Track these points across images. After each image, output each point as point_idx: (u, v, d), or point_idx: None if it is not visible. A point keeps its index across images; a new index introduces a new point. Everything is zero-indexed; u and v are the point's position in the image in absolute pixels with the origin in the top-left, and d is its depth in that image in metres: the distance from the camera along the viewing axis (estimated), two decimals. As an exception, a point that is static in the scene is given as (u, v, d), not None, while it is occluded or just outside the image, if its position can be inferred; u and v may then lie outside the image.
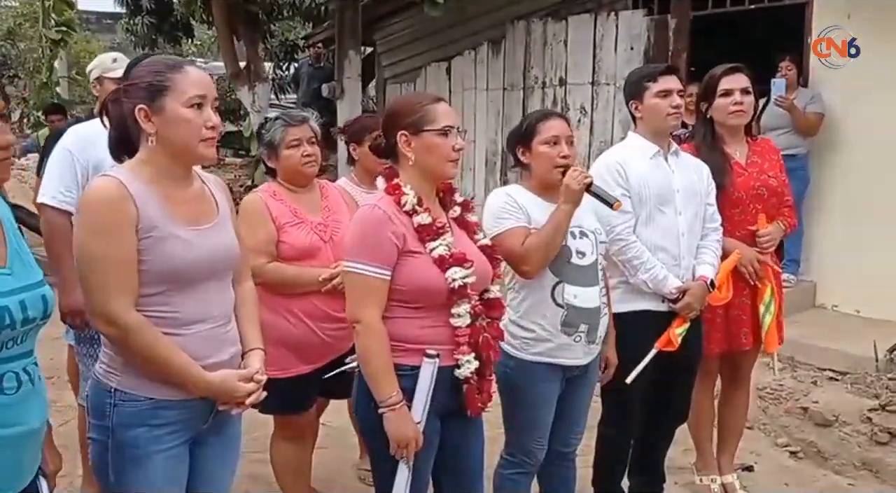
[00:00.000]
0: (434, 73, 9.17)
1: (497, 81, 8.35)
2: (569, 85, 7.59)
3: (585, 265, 2.75)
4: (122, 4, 13.05)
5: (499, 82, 8.33)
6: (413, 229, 2.25)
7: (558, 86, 7.69)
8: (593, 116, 7.39)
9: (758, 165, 3.38)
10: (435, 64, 9.14)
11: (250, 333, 2.20)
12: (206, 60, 15.70)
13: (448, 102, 2.34)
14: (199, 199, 2.11)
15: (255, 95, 9.66)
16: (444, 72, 9.03)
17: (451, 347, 2.26)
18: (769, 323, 3.34)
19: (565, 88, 7.62)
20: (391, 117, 2.34)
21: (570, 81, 7.58)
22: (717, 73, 3.35)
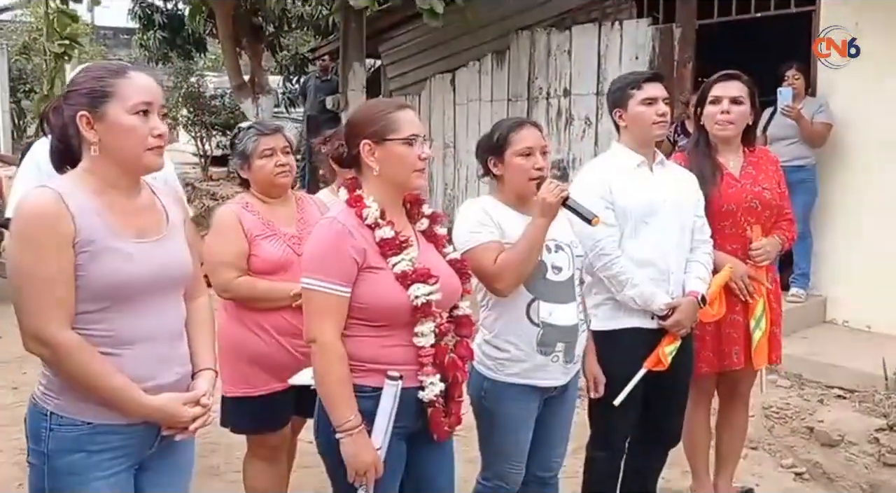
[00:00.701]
0: (439, 84, 9.13)
1: (501, 92, 8.31)
2: (573, 95, 7.53)
3: (561, 281, 2.63)
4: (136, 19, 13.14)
5: (503, 93, 8.28)
6: (375, 244, 2.14)
7: (563, 96, 7.63)
8: (598, 127, 7.31)
9: (752, 177, 3.25)
10: (439, 75, 9.12)
11: (202, 352, 2.09)
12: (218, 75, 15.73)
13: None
14: (146, 210, 2.00)
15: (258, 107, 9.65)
16: (449, 83, 9.00)
17: (414, 367, 2.15)
18: (758, 339, 3.20)
19: (570, 98, 7.56)
20: (353, 126, 2.24)
21: (574, 92, 7.52)
22: (711, 79, 3.24)
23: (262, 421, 2.93)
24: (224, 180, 12.21)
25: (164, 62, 13.88)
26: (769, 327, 3.23)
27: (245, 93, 9.95)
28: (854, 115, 5.62)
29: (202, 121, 13.67)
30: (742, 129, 3.23)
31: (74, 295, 1.83)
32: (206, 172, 13.56)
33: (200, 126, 13.76)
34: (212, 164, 13.67)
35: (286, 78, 14.56)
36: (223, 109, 13.78)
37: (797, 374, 5.00)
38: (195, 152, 14.19)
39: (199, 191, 11.88)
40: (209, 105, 13.86)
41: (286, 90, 14.19)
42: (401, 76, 9.92)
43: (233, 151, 3.01)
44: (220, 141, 13.57)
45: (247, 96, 9.91)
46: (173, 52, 13.41)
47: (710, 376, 3.33)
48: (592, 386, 2.86)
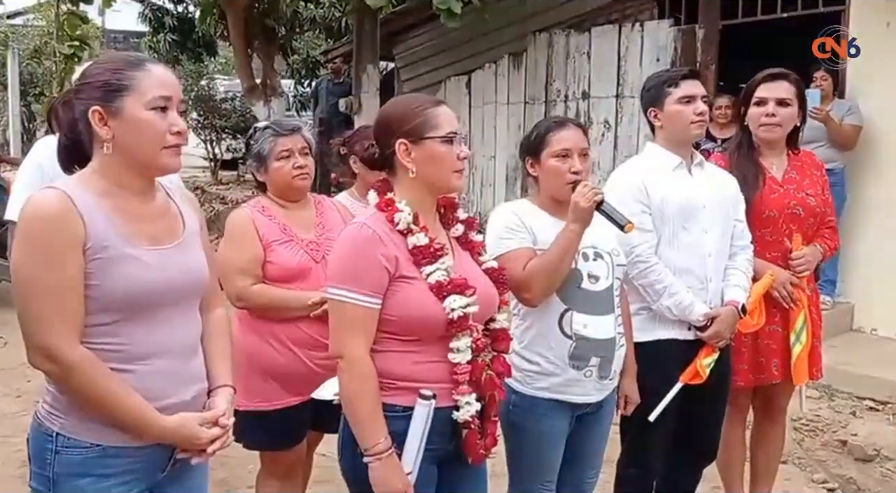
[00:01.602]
0: (454, 87, 9.03)
1: (518, 95, 8.20)
2: (592, 98, 7.42)
3: (598, 291, 2.49)
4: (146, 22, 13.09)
5: (520, 96, 8.18)
6: (407, 251, 1.99)
7: (581, 99, 7.51)
8: (617, 131, 7.19)
9: (795, 182, 3.11)
10: (455, 78, 9.03)
11: (219, 367, 1.94)
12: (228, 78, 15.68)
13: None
14: (161, 215, 1.86)
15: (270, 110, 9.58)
16: (464, 86, 8.91)
17: (449, 385, 2.00)
18: (798, 353, 3.05)
19: (588, 101, 7.45)
20: (387, 124, 2.07)
21: (593, 95, 7.41)
22: (757, 78, 3.10)
23: (276, 437, 2.81)
24: (234, 184, 12.15)
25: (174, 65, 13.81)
26: (810, 341, 3.08)
27: (256, 95, 9.89)
28: (885, 117, 5.49)
29: (212, 124, 13.60)
30: (788, 131, 3.10)
31: (84, 306, 1.69)
32: (215, 175, 13.51)
33: (210, 130, 13.69)
34: (222, 167, 13.62)
35: (298, 81, 14.51)
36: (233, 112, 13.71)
37: (826, 384, 4.86)
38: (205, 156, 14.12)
39: (209, 195, 11.80)
40: (219, 108, 13.80)
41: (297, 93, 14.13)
42: (415, 78, 9.84)
43: (248, 152, 2.89)
44: (231, 144, 13.51)
45: (258, 99, 9.85)
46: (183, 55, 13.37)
47: (746, 391, 3.20)
48: (622, 404, 2.72)
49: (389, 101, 2.24)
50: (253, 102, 10.02)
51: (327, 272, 2.12)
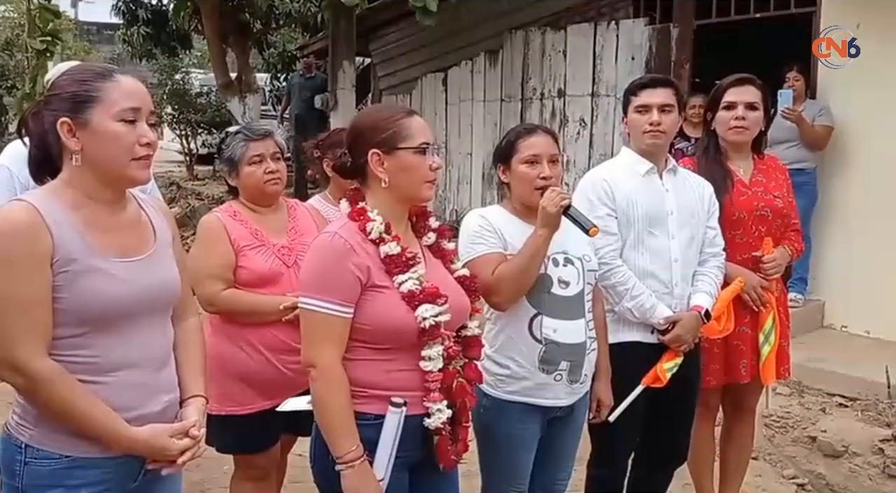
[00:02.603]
0: (430, 84, 9.02)
1: (494, 93, 8.21)
2: (568, 96, 7.44)
3: (569, 296, 2.51)
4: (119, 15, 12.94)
5: (496, 94, 8.19)
6: (380, 260, 2.00)
7: (557, 97, 7.53)
8: (593, 129, 7.21)
9: (762, 184, 3.15)
10: (431, 75, 9.02)
11: (191, 378, 1.94)
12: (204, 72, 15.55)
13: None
14: (132, 226, 1.85)
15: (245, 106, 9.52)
16: (441, 83, 8.90)
17: (420, 393, 2.02)
18: (767, 354, 3.09)
19: (564, 99, 7.46)
20: (360, 133, 2.08)
21: (569, 93, 7.43)
22: (724, 83, 3.13)
23: (249, 441, 2.81)
24: (210, 180, 12.06)
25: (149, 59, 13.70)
26: (778, 341, 3.13)
27: (232, 91, 9.82)
28: (856, 118, 5.54)
29: (187, 119, 13.51)
30: (755, 135, 3.14)
31: (52, 319, 1.69)
32: (191, 170, 13.41)
33: (186, 124, 13.60)
34: (197, 162, 13.53)
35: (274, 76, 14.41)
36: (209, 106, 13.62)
37: (797, 381, 4.91)
38: (180, 151, 14.01)
39: (185, 190, 11.72)
40: (195, 103, 13.70)
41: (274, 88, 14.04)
42: (391, 75, 9.82)
43: (220, 156, 2.88)
44: (206, 139, 13.41)
45: (233, 95, 9.79)
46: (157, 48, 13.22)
47: (717, 390, 3.24)
48: (593, 407, 2.74)
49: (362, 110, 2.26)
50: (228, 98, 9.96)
51: (299, 281, 2.13)
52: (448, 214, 8.82)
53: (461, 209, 8.47)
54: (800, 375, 4.86)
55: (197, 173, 13.21)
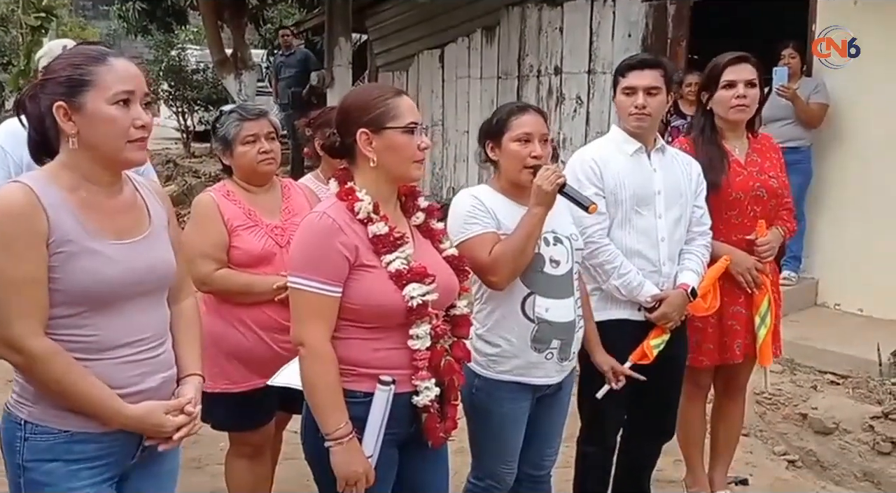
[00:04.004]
0: (427, 60, 8.98)
1: (491, 69, 8.18)
2: (564, 74, 7.41)
3: (559, 275, 2.54)
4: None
5: (493, 70, 8.16)
6: (367, 240, 2.03)
7: (553, 74, 7.50)
8: (589, 106, 7.20)
9: (757, 164, 3.16)
10: (427, 51, 8.97)
11: (188, 356, 1.98)
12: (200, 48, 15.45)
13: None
14: (128, 208, 1.88)
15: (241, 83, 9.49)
16: (437, 59, 8.86)
17: (409, 371, 2.05)
18: (763, 336, 3.13)
19: (560, 76, 7.43)
20: (348, 113, 2.10)
21: (565, 70, 7.40)
22: (720, 62, 3.12)
23: (243, 418, 2.85)
24: (207, 157, 12.02)
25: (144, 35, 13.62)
26: (773, 323, 3.15)
27: (227, 68, 9.78)
28: (850, 95, 5.52)
29: (184, 96, 13.45)
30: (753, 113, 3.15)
31: (49, 298, 1.72)
32: (188, 148, 13.36)
33: (182, 101, 13.54)
34: (194, 139, 13.48)
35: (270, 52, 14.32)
36: (205, 83, 13.55)
37: (789, 359, 4.93)
38: (177, 128, 13.96)
39: (181, 168, 11.69)
40: (191, 79, 13.64)
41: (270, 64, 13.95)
42: (387, 52, 9.78)
43: (214, 135, 2.89)
44: (203, 116, 13.36)
45: (229, 72, 9.74)
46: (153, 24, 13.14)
47: (709, 369, 3.27)
48: (612, 377, 2.76)
49: (351, 90, 2.26)
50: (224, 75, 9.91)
51: (289, 261, 2.15)
52: (445, 191, 8.82)
53: (458, 187, 8.46)
54: (792, 352, 4.88)
55: (194, 151, 13.18)
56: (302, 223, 2.10)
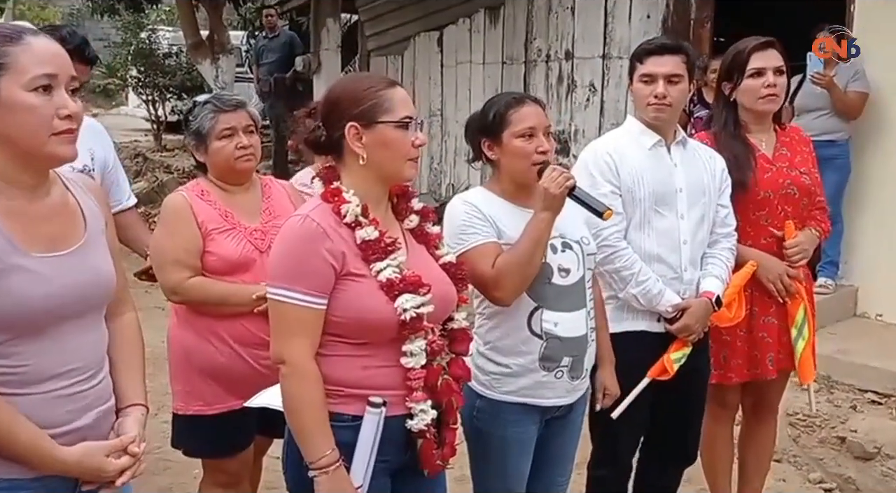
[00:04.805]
0: (424, 44, 9.00)
1: (495, 54, 8.20)
2: (576, 59, 7.42)
3: (569, 285, 2.54)
4: (79, -34, 12.87)
5: (497, 55, 8.18)
6: (355, 246, 2.02)
7: (564, 60, 7.52)
8: (604, 95, 7.21)
9: (787, 159, 3.16)
10: (424, 34, 8.99)
11: (128, 383, 1.92)
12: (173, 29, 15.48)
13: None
14: (58, 213, 1.79)
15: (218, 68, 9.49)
16: (436, 43, 8.88)
17: (402, 392, 2.04)
18: (802, 349, 3.13)
19: (572, 62, 7.45)
20: (336, 105, 2.10)
21: (577, 55, 7.41)
22: (745, 48, 3.12)
23: (218, 444, 2.84)
24: (180, 150, 12.03)
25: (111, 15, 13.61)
26: (812, 335, 3.16)
27: (203, 52, 9.79)
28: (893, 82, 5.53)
29: (155, 82, 13.46)
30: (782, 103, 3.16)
31: None
32: (159, 140, 13.38)
33: (153, 88, 13.55)
34: (166, 131, 13.49)
35: (251, 34, 14.34)
36: (179, 68, 13.57)
37: (825, 376, 4.95)
38: (147, 118, 13.97)
39: (152, 162, 11.71)
40: (162, 64, 13.65)
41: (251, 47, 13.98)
42: (380, 34, 9.78)
43: (187, 129, 2.89)
44: (176, 105, 13.36)
45: (205, 56, 9.76)
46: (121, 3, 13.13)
47: (736, 387, 3.27)
48: (599, 397, 2.78)
49: (339, 79, 2.27)
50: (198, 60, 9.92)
51: (268, 270, 2.15)
52: (444, 189, 8.84)
53: (458, 184, 8.49)
54: (828, 368, 4.90)
55: (165, 143, 13.19)
56: (283, 228, 2.09)
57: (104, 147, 3.37)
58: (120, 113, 17.82)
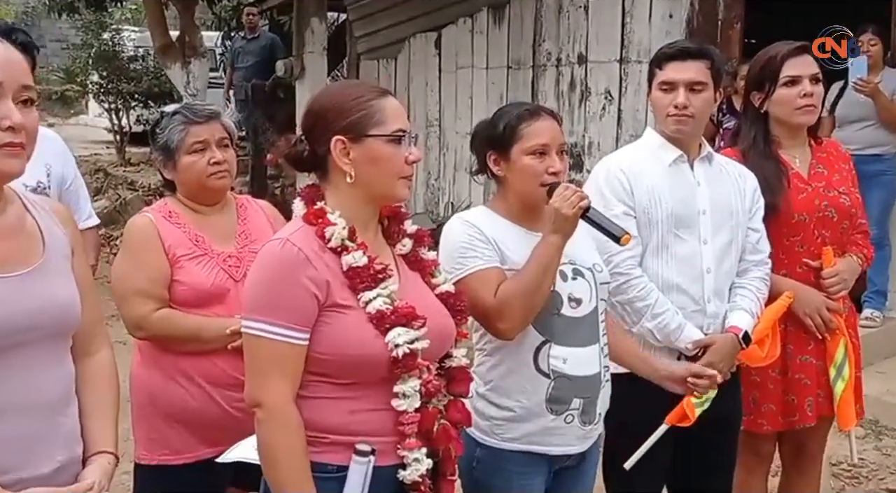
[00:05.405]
0: (420, 46, 9.06)
1: (499, 58, 8.24)
2: (590, 63, 7.45)
3: (581, 317, 2.55)
4: (34, -41, 12.98)
5: (501, 59, 8.22)
6: (341, 274, 2.04)
7: (577, 64, 7.55)
8: (621, 103, 7.23)
9: (824, 178, 3.19)
10: (421, 35, 9.05)
11: (99, 429, 1.94)
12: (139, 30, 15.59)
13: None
14: (11, 233, 1.83)
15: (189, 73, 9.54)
16: (433, 45, 8.93)
17: (393, 439, 2.05)
18: (841, 392, 3.13)
19: (585, 66, 7.48)
20: (321, 116, 2.12)
21: (591, 58, 7.44)
22: (777, 53, 3.15)
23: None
24: (146, 165, 12.10)
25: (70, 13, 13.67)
26: (854, 375, 3.16)
27: (172, 55, 9.84)
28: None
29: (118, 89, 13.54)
30: None
31: None
32: (122, 154, 13.44)
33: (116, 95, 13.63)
34: (130, 143, 13.56)
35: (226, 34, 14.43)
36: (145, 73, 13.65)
37: (872, 420, 4.97)
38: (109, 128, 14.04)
39: (114, 178, 11.76)
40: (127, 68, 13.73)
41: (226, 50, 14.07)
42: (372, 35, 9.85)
43: (154, 143, 2.91)
44: (142, 114, 13.43)
45: (174, 60, 9.81)
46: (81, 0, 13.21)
47: (772, 436, 3.27)
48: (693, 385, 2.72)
49: (325, 87, 2.29)
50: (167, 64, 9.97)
51: (242, 300, 2.17)
52: (442, 208, 8.86)
53: (458, 203, 8.51)
54: (876, 412, 4.90)
55: (130, 157, 13.26)
56: (259, 254, 2.11)
57: (63, 161, 3.40)
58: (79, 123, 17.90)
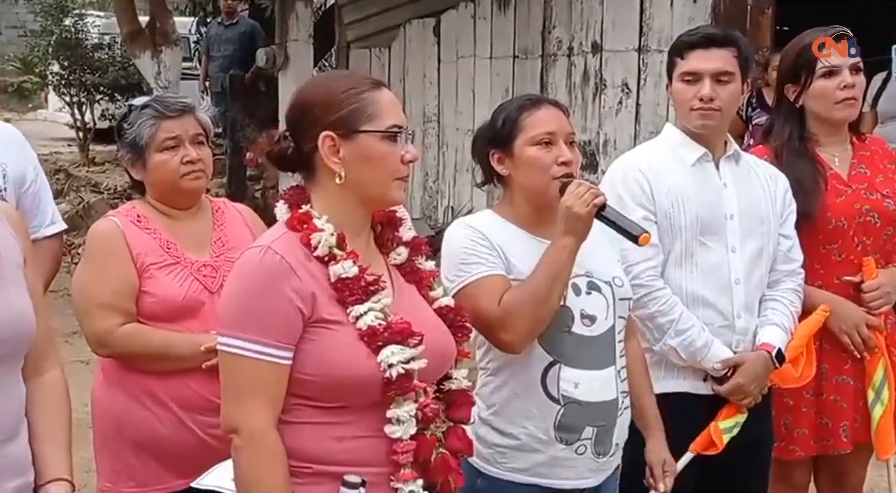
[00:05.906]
0: (417, 34, 9.08)
1: (505, 47, 8.25)
2: (605, 52, 7.47)
3: (595, 336, 2.56)
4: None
5: (508, 48, 8.23)
6: (329, 286, 2.04)
7: (591, 54, 7.56)
8: (639, 97, 7.24)
9: (866, 178, 3.21)
10: (417, 21, 9.07)
11: (51, 454, 1.98)
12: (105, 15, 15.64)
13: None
14: None
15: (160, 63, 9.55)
16: (431, 33, 8.95)
17: (386, 469, 2.05)
18: (880, 416, 3.15)
19: (600, 56, 7.49)
20: (307, 110, 2.13)
21: (607, 47, 7.45)
22: (811, 41, 3.16)
23: None
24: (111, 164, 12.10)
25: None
26: (894, 399, 3.17)
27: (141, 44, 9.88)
28: None
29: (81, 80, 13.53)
30: None
31: None
32: (85, 152, 13.44)
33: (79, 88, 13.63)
34: (94, 140, 13.56)
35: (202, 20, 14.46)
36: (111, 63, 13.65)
37: (918, 449, 4.94)
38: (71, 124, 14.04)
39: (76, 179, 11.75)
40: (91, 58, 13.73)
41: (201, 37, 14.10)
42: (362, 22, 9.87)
43: (121, 140, 2.91)
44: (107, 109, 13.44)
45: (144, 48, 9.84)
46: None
47: (806, 463, 3.29)
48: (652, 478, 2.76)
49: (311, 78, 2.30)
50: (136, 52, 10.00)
51: (218, 315, 2.17)
52: (441, 213, 8.87)
53: (459, 207, 8.52)
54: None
55: (93, 156, 13.27)
56: (238, 263, 2.11)
57: (22, 160, 3.40)
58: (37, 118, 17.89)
